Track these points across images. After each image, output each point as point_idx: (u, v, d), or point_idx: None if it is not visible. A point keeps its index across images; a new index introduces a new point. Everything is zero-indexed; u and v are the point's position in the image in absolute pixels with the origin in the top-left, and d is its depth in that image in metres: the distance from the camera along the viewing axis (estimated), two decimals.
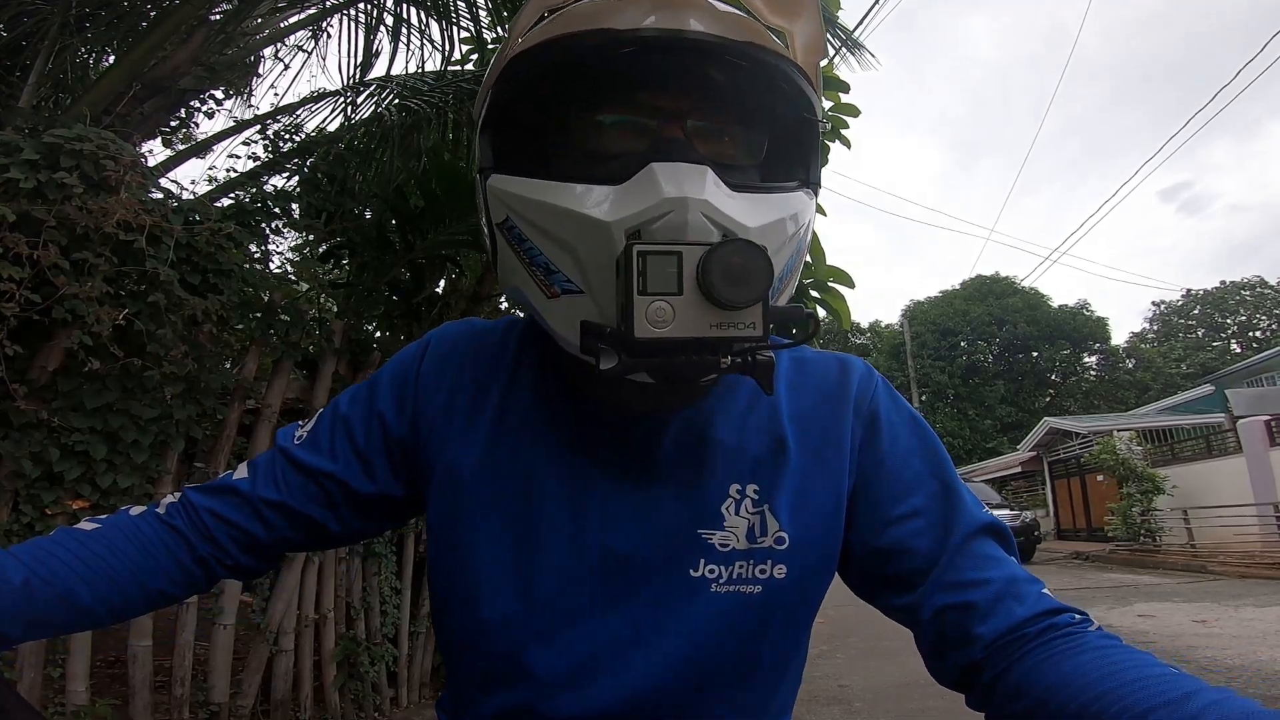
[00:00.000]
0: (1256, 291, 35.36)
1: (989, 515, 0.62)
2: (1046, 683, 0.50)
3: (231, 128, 4.23)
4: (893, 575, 0.60)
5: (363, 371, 3.56)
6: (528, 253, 0.54)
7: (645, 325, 0.44)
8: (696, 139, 0.53)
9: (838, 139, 3.53)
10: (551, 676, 0.59)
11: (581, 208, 0.50)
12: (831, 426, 0.63)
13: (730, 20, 0.52)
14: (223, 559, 0.67)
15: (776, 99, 0.56)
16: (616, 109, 0.54)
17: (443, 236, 3.92)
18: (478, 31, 4.12)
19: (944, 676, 0.59)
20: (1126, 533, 13.73)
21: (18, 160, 2.16)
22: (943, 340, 31.96)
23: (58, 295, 2.17)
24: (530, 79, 0.54)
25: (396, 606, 3.76)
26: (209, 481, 0.68)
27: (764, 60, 0.52)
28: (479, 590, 0.61)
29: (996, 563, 0.58)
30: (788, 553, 0.60)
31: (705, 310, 0.45)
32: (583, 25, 0.51)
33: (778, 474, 0.61)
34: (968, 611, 0.56)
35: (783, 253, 0.54)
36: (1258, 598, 7.70)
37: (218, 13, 3.66)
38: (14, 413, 2.24)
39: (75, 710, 2.41)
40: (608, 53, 0.50)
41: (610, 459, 0.61)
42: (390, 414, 0.66)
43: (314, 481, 0.65)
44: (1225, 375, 22.44)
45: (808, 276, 3.57)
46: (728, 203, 0.50)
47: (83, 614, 0.60)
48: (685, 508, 0.60)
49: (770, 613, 0.60)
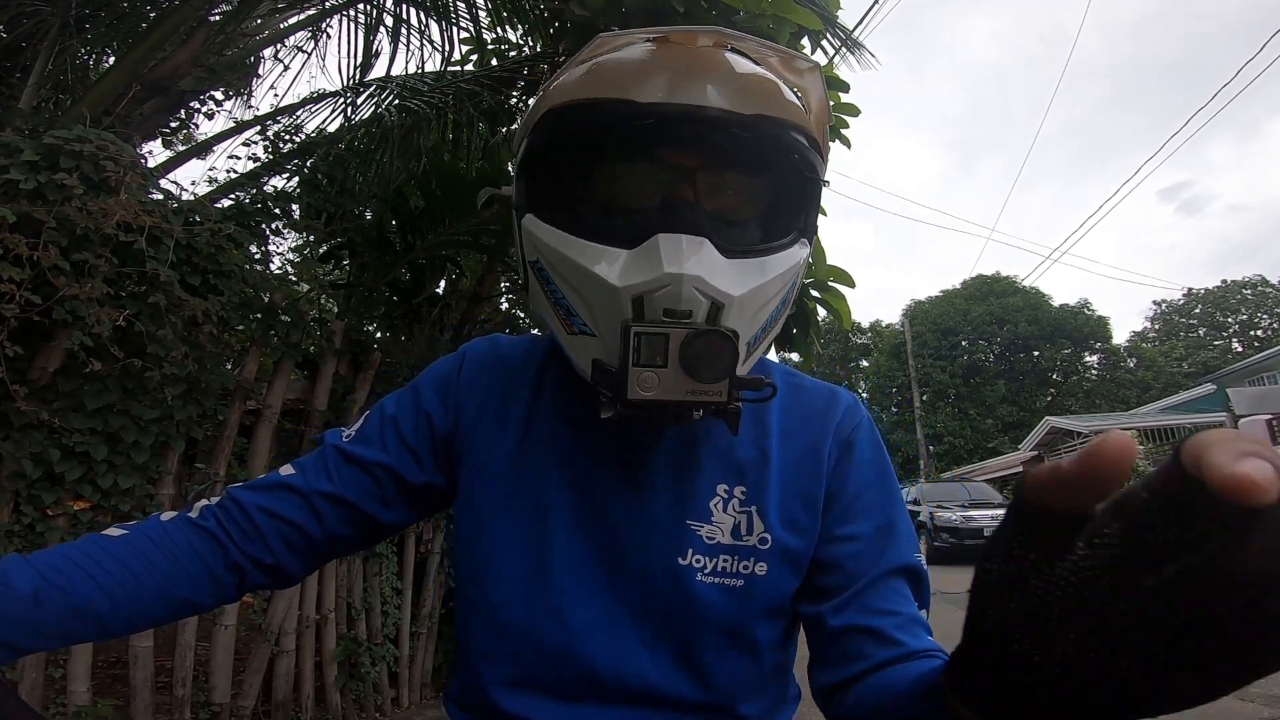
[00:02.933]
0: (1258, 290, 35.33)
1: (917, 560, 0.69)
2: (889, 689, 0.58)
3: (231, 128, 4.23)
4: (820, 585, 0.68)
5: (363, 372, 3.56)
6: (552, 293, 0.63)
7: (636, 389, 0.55)
8: (704, 194, 0.61)
9: (838, 139, 3.53)
10: (557, 649, 0.66)
11: (596, 269, 0.58)
12: (812, 446, 0.71)
13: (747, 88, 0.59)
14: (261, 559, 0.68)
15: (781, 163, 0.63)
16: (635, 164, 0.62)
17: (443, 237, 3.92)
18: (477, 32, 4.12)
19: (821, 684, 0.65)
20: None
21: (17, 161, 2.16)
22: (944, 340, 31.95)
23: (58, 296, 2.17)
24: (560, 133, 0.63)
25: (398, 607, 3.76)
26: (252, 481, 0.72)
27: (770, 132, 0.60)
28: (496, 570, 0.68)
29: (907, 601, 0.66)
30: (769, 553, 0.67)
31: (683, 379, 0.55)
32: (610, 92, 0.59)
33: (764, 480, 0.69)
34: (870, 635, 0.63)
35: (766, 308, 0.62)
36: None
37: (217, 14, 3.67)
38: (14, 413, 2.24)
39: (76, 711, 2.41)
40: (628, 121, 0.58)
41: (613, 460, 0.69)
42: (437, 414, 0.74)
43: (367, 473, 0.71)
44: (1227, 374, 22.42)
45: (808, 276, 3.57)
46: (718, 274, 0.57)
47: (100, 624, 0.60)
48: (676, 502, 0.68)
49: (752, 605, 0.67)
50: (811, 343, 3.70)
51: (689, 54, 0.62)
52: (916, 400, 26.37)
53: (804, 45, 3.34)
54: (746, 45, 0.66)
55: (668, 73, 0.59)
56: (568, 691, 0.66)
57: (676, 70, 0.60)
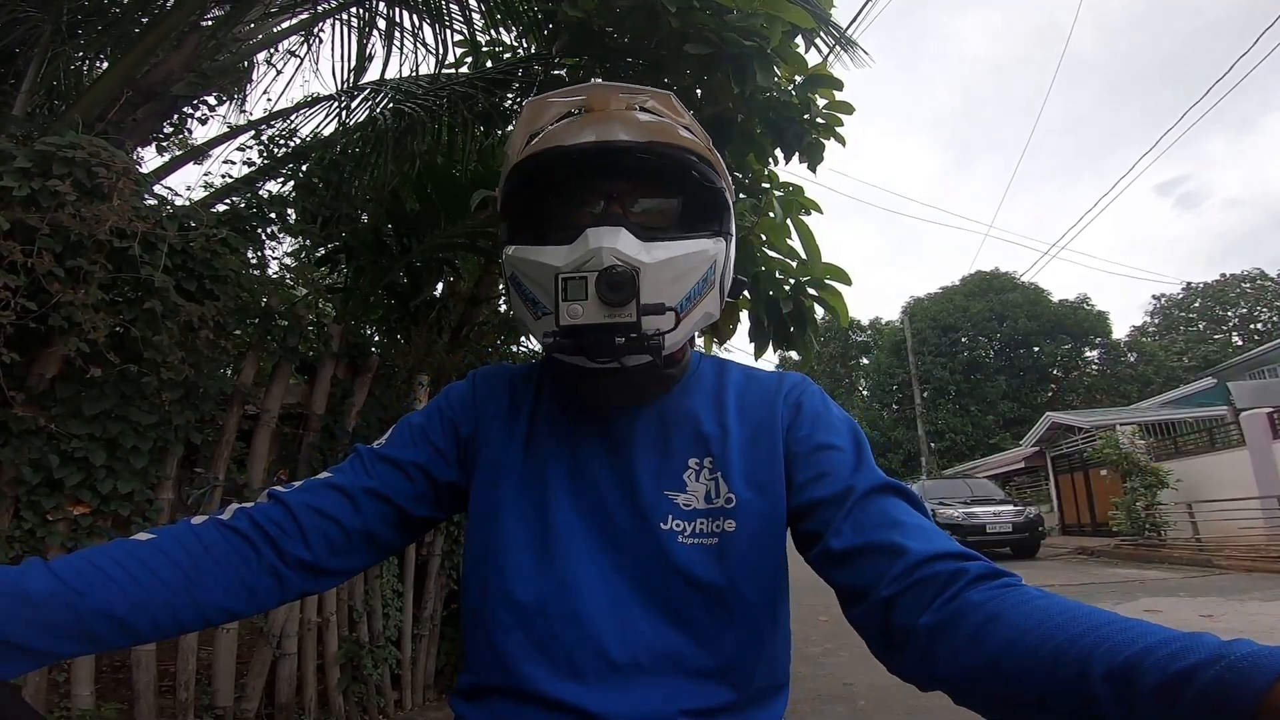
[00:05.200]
0: (1257, 284, 35.24)
1: (895, 480, 0.74)
2: (1004, 634, 0.53)
3: (225, 133, 4.23)
4: (810, 530, 0.75)
5: (361, 375, 3.56)
6: (523, 293, 0.77)
7: (565, 317, 0.69)
8: (630, 209, 0.77)
9: (833, 136, 3.53)
10: (564, 614, 0.73)
11: (545, 259, 0.74)
12: (767, 414, 0.82)
13: (645, 127, 0.76)
14: (300, 556, 0.73)
15: (683, 176, 0.78)
16: (577, 194, 0.78)
17: (439, 240, 3.92)
18: (471, 34, 4.12)
19: (865, 626, 0.67)
20: (1131, 527, 13.69)
21: (11, 168, 2.17)
22: (944, 336, 31.92)
23: (53, 302, 2.18)
24: (522, 181, 0.79)
25: (399, 609, 3.76)
26: (293, 485, 0.79)
27: (666, 153, 0.76)
28: (508, 546, 0.77)
29: (902, 511, 0.70)
30: (735, 511, 0.76)
31: (600, 307, 0.69)
32: (546, 145, 0.76)
33: (726, 450, 0.80)
34: (873, 552, 0.67)
35: (683, 280, 0.74)
36: (1264, 591, 7.68)
37: (210, 19, 3.67)
38: (13, 419, 2.24)
39: (80, 714, 2.42)
40: (565, 160, 0.75)
41: (598, 443, 0.81)
42: (461, 420, 0.85)
43: (401, 470, 0.81)
44: (1227, 368, 22.40)
45: (804, 274, 3.57)
46: (634, 248, 0.71)
47: (120, 627, 0.61)
48: (656, 475, 0.79)
49: (728, 560, 0.75)
50: (810, 341, 3.71)
51: (604, 114, 0.79)
52: (917, 397, 26.34)
53: (797, 43, 3.35)
54: (646, 102, 0.82)
55: (586, 124, 0.77)
56: (575, 657, 0.72)
57: (593, 121, 0.78)
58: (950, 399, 31.19)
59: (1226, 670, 0.38)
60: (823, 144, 3.51)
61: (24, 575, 0.58)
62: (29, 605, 0.57)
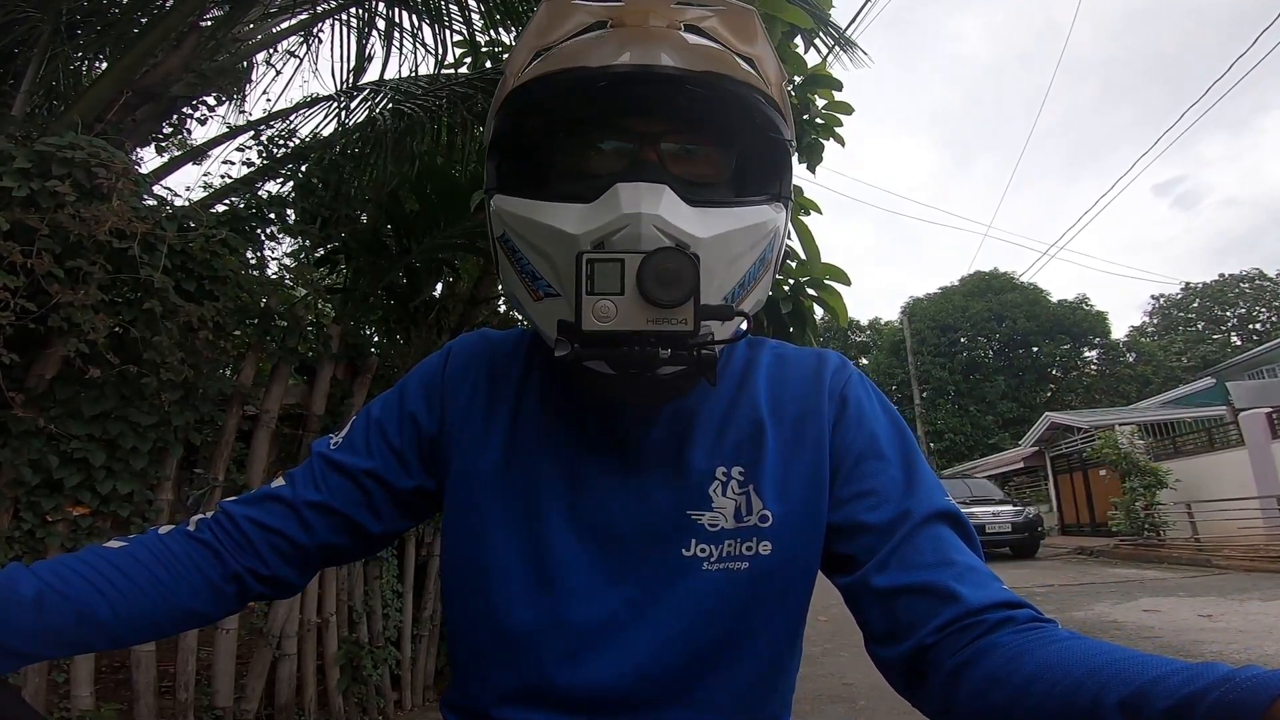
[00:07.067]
0: (1255, 284, 35.29)
1: (950, 503, 0.63)
2: (1027, 671, 0.49)
3: (225, 134, 4.23)
4: (848, 553, 0.63)
5: (361, 376, 3.56)
6: (519, 262, 0.61)
7: (591, 320, 0.51)
8: (669, 159, 0.60)
9: (832, 136, 3.53)
10: (558, 653, 0.63)
11: (556, 222, 0.57)
12: (809, 410, 0.68)
13: (696, 52, 0.58)
14: (259, 570, 0.67)
15: (742, 122, 0.61)
16: (598, 135, 0.61)
17: (438, 240, 3.92)
18: (470, 34, 4.12)
19: (891, 664, 0.59)
20: (1130, 527, 13.69)
21: (10, 169, 2.17)
22: (943, 337, 31.94)
23: (53, 303, 2.17)
24: (523, 111, 0.61)
25: (399, 610, 3.76)
26: (245, 494, 0.72)
27: (726, 88, 0.58)
28: (492, 575, 0.65)
29: (955, 549, 0.60)
30: (772, 530, 0.63)
31: (643, 308, 0.51)
32: (563, 64, 0.58)
33: (759, 456, 0.65)
34: (924, 593, 0.57)
35: (740, 261, 0.59)
36: (1263, 591, 7.67)
37: (209, 19, 3.67)
38: (12, 420, 2.24)
39: (80, 715, 2.41)
40: (586, 87, 0.57)
41: (604, 449, 0.66)
42: (421, 414, 0.71)
43: (353, 481, 0.69)
44: (1226, 368, 22.41)
45: (803, 274, 3.57)
46: (682, 217, 0.55)
47: (103, 631, 0.60)
48: (674, 491, 0.65)
49: (759, 588, 0.63)
50: (809, 341, 3.71)
51: (642, 31, 0.61)
52: (916, 397, 26.35)
53: (796, 44, 3.35)
54: (705, 20, 0.63)
55: (620, 41, 0.59)
56: (572, 701, 0.63)
57: (629, 40, 0.59)
58: (949, 399, 31.20)
59: (1233, 690, 0.39)
60: (822, 144, 3.52)
61: (11, 578, 0.58)
62: (20, 607, 0.56)
